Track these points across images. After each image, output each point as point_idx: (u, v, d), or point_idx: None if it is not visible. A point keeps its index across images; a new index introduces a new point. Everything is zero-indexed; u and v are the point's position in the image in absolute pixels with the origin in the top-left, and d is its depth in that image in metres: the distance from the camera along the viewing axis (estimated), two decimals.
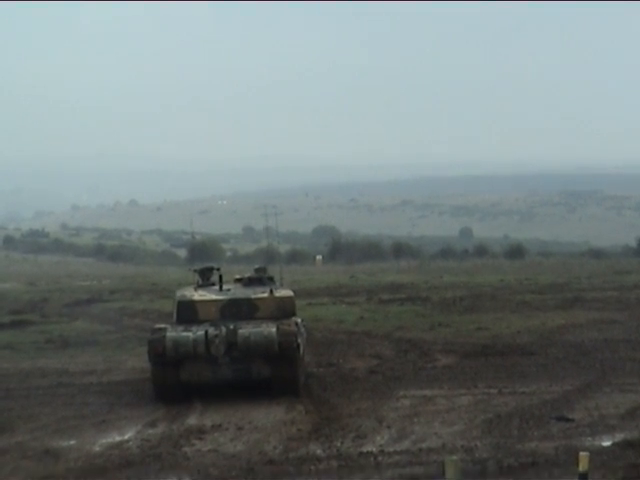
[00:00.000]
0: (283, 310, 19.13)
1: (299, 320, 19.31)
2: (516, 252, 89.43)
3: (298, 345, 18.09)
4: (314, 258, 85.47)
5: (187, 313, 18.87)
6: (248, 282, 19.95)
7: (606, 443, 13.91)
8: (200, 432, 15.44)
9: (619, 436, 14.24)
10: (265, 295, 19.20)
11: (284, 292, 19.59)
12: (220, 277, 19.88)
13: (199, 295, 19.22)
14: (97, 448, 14.75)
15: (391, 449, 13.97)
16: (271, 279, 20.24)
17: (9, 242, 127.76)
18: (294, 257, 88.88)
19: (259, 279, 20.01)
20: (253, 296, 19.18)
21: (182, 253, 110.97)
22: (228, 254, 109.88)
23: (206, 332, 17.87)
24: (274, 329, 17.87)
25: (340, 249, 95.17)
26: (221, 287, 19.63)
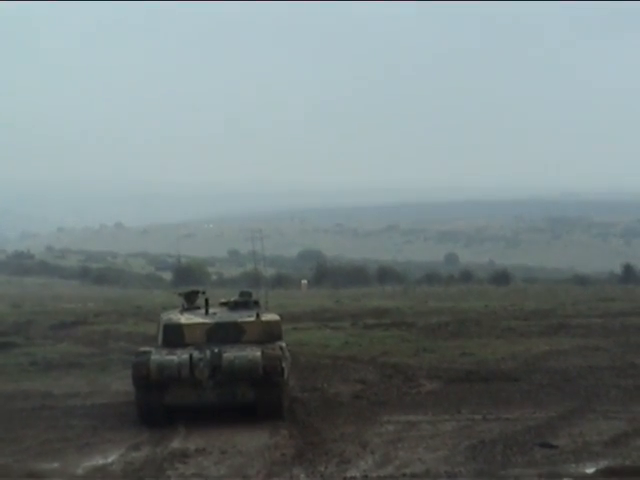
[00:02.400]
0: (270, 334, 19.11)
1: (283, 344, 19.29)
2: (501, 278, 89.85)
3: (283, 369, 18.04)
4: (299, 282, 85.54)
5: (174, 336, 18.81)
6: (234, 306, 19.95)
7: (589, 470, 13.90)
8: (184, 456, 15.37)
9: (603, 463, 14.23)
10: (252, 319, 19.17)
11: (271, 316, 19.58)
12: (206, 301, 19.85)
13: (185, 318, 19.18)
14: (80, 471, 14.67)
15: (375, 474, 13.93)
16: (257, 303, 20.25)
17: None
18: (279, 281, 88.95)
19: (245, 303, 20.02)
20: (240, 320, 19.15)
21: (167, 276, 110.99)
22: (213, 277, 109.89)
23: (191, 356, 17.82)
24: (259, 353, 17.83)
25: (325, 273, 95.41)
26: (207, 311, 19.61)
